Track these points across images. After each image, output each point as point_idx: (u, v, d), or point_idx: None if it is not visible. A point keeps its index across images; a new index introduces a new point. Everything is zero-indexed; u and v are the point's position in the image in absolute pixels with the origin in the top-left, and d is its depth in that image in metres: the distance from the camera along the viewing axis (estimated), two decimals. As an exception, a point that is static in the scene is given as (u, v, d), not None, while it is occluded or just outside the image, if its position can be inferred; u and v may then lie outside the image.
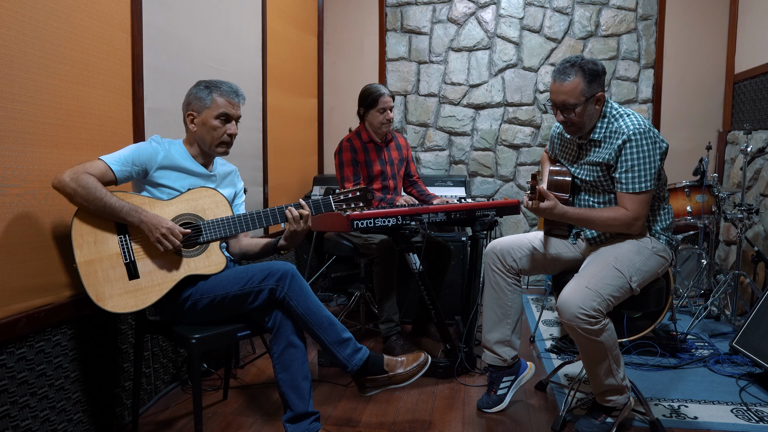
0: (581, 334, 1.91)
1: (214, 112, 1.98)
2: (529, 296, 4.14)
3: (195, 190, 1.96)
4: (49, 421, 1.81)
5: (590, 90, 2.02)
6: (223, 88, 2.01)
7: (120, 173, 1.83)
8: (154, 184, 1.93)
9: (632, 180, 2.00)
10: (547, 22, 4.33)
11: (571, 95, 2.01)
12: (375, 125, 3.07)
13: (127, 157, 1.86)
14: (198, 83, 2.03)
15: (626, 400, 2.06)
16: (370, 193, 2.04)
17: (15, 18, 1.66)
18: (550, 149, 2.42)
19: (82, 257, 1.75)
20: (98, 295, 1.75)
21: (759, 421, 2.18)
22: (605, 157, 2.05)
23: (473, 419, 2.25)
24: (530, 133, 4.44)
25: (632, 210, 2.01)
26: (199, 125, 2.00)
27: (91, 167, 1.77)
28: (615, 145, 2.02)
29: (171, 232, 1.81)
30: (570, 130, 2.12)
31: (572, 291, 1.94)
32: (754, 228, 3.46)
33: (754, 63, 3.73)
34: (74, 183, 1.71)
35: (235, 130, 2.03)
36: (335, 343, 1.92)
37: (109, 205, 1.76)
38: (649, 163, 1.98)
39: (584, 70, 2.01)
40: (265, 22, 3.43)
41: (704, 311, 3.26)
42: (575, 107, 2.02)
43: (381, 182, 3.11)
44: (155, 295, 1.82)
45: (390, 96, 3.05)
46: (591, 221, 2.07)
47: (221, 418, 2.24)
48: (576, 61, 2.02)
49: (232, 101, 2.01)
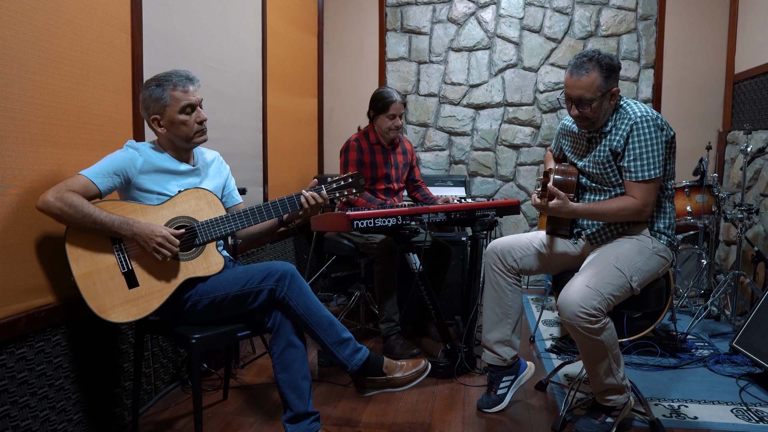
0: (581, 333, 1.91)
1: (176, 108, 1.91)
2: (529, 296, 4.14)
3: (185, 192, 1.94)
4: (49, 421, 1.81)
5: (607, 85, 2.01)
6: (174, 80, 1.93)
7: (103, 185, 1.79)
8: (141, 189, 1.89)
9: (640, 168, 2.00)
10: (547, 22, 4.33)
11: (588, 90, 2.00)
12: (383, 130, 3.07)
13: (107, 167, 1.82)
14: (146, 84, 1.95)
15: (626, 399, 2.06)
16: (362, 179, 2.04)
17: (15, 18, 1.66)
18: (555, 147, 2.42)
19: (79, 270, 1.74)
20: (100, 308, 1.74)
21: (759, 421, 2.18)
22: (613, 145, 2.05)
23: (473, 419, 2.25)
24: (530, 133, 4.44)
25: (641, 198, 2.01)
26: (168, 125, 1.94)
27: (73, 184, 1.73)
28: (623, 131, 2.03)
29: (166, 240, 1.78)
30: (583, 125, 2.11)
31: (573, 290, 1.94)
32: (754, 228, 3.46)
33: (754, 63, 3.73)
34: (60, 203, 1.68)
35: (203, 115, 1.97)
36: (335, 343, 1.92)
37: (99, 221, 1.73)
38: (657, 150, 1.99)
39: (601, 65, 1.99)
40: (265, 22, 3.43)
41: (704, 311, 3.26)
42: (591, 102, 2.01)
43: (385, 184, 3.12)
44: (156, 302, 1.82)
45: (402, 103, 3.05)
46: (601, 214, 2.06)
47: (221, 418, 2.24)
48: (593, 55, 2.00)
49: (187, 89, 1.93)
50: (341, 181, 2.03)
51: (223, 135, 2.92)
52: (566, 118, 2.29)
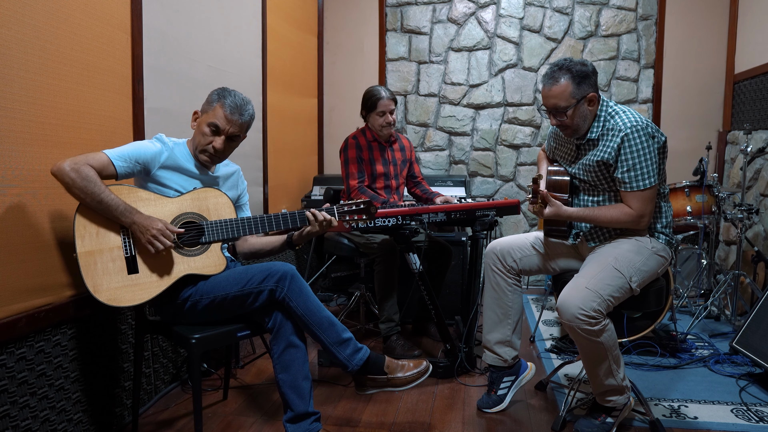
0: (581, 334, 1.91)
1: (209, 119, 1.97)
2: (529, 296, 4.14)
3: (201, 189, 1.96)
4: (49, 421, 1.81)
5: (580, 92, 2.01)
6: (228, 101, 1.96)
7: (121, 168, 1.83)
8: (157, 182, 1.93)
9: (634, 178, 2.00)
10: (547, 22, 4.33)
11: (561, 98, 2.01)
12: (376, 127, 3.07)
13: (131, 153, 1.85)
14: (219, 88, 2.01)
15: (626, 400, 2.06)
16: (374, 207, 2.03)
17: (15, 18, 1.66)
18: (547, 148, 2.42)
19: (83, 248, 1.75)
20: (95, 286, 1.75)
21: (759, 421, 2.18)
22: (604, 156, 2.05)
23: (473, 419, 2.25)
24: (530, 133, 4.44)
25: (637, 208, 2.01)
26: (197, 126, 2.01)
27: (92, 159, 1.76)
28: (613, 143, 2.02)
29: (162, 233, 1.79)
30: (566, 133, 2.13)
31: (572, 291, 1.94)
32: (754, 228, 3.46)
33: (754, 63, 3.73)
34: (74, 173, 1.70)
35: (221, 145, 1.97)
36: (335, 343, 1.92)
37: (105, 202, 1.75)
38: (650, 158, 1.98)
39: (572, 72, 2.00)
40: (265, 22, 3.43)
41: (704, 311, 3.26)
42: (566, 110, 2.02)
43: (384, 182, 3.12)
44: (152, 292, 1.82)
45: (391, 99, 3.02)
46: (597, 221, 2.08)
47: (221, 418, 2.24)
48: (563, 64, 2.02)
49: (229, 117, 1.96)
50: (353, 206, 2.02)
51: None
52: None
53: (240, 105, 1.98)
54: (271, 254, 2.17)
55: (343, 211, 2.02)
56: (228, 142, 2.00)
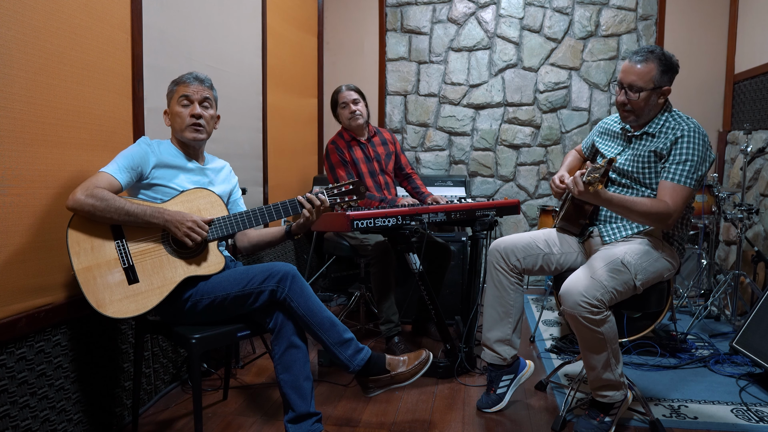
0: (582, 323, 1.90)
1: (175, 99, 2.02)
2: (529, 296, 4.14)
3: (190, 191, 1.97)
4: (49, 421, 1.81)
5: (660, 80, 2.05)
6: (184, 77, 2.04)
7: (123, 180, 1.85)
8: (149, 185, 1.94)
9: (681, 172, 1.99)
10: (547, 22, 4.33)
11: (642, 78, 2.04)
12: (346, 122, 3.08)
13: (126, 163, 1.88)
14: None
15: (622, 396, 2.05)
16: (363, 186, 2.04)
17: (15, 18, 1.66)
18: (586, 146, 2.44)
19: (80, 264, 1.75)
20: (98, 302, 1.74)
21: (759, 421, 2.18)
22: (659, 146, 2.05)
23: (473, 419, 2.25)
24: (530, 133, 4.44)
25: (672, 203, 1.96)
26: (170, 118, 2.05)
27: (99, 181, 1.79)
28: (672, 135, 2.03)
29: (197, 224, 1.85)
30: (626, 116, 2.11)
31: (576, 280, 1.94)
32: (754, 228, 3.46)
33: (754, 63, 3.73)
34: (92, 199, 1.73)
35: (198, 110, 2.01)
36: (337, 343, 1.92)
37: (132, 212, 1.79)
38: (700, 162, 1.99)
39: (661, 60, 2.06)
40: (265, 22, 3.43)
41: (704, 311, 3.26)
42: (641, 90, 2.04)
43: (371, 180, 3.11)
44: (156, 299, 1.82)
45: (351, 89, 3.06)
46: (631, 209, 1.97)
47: (221, 418, 2.24)
48: (656, 49, 2.08)
49: (189, 83, 2.01)
50: (342, 187, 2.03)
51: (223, 135, 2.92)
52: (608, 117, 2.35)
53: (195, 74, 2.05)
54: (271, 245, 2.18)
55: (333, 194, 2.03)
56: (204, 110, 2.03)
